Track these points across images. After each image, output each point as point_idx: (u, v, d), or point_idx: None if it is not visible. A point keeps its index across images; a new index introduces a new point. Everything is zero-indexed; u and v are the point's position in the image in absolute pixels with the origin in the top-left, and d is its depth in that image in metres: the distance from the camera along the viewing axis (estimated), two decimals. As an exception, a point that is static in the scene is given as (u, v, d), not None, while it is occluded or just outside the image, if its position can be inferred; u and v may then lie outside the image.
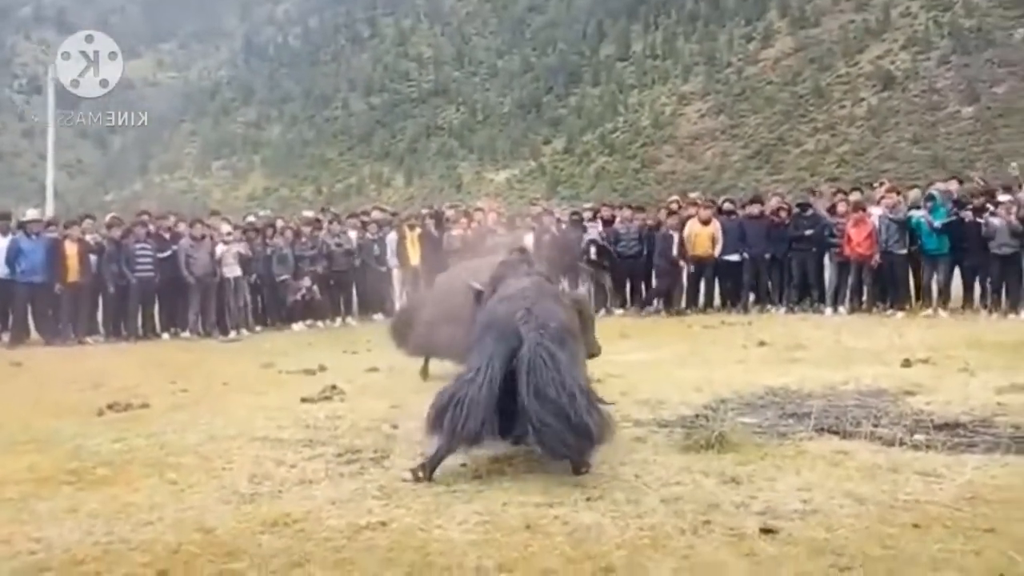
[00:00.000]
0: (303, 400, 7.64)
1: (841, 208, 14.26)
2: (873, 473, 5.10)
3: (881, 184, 15.15)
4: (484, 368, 5.14)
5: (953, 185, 13.78)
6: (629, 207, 16.43)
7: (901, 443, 5.72)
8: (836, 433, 6.06)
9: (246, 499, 4.87)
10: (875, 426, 6.15)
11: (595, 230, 15.66)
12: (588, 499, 4.70)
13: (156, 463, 5.71)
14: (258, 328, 14.75)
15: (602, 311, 15.19)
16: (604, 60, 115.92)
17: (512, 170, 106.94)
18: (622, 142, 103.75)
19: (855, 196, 14.61)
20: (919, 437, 5.89)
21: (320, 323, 15.03)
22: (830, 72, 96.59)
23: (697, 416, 6.60)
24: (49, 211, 21.67)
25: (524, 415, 5.02)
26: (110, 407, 7.60)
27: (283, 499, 4.88)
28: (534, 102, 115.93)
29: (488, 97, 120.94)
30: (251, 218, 15.95)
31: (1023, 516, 4.31)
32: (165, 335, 13.88)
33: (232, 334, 14.04)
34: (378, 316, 15.65)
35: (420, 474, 5.10)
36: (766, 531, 4.15)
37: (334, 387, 8.05)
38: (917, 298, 13.78)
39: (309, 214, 16.38)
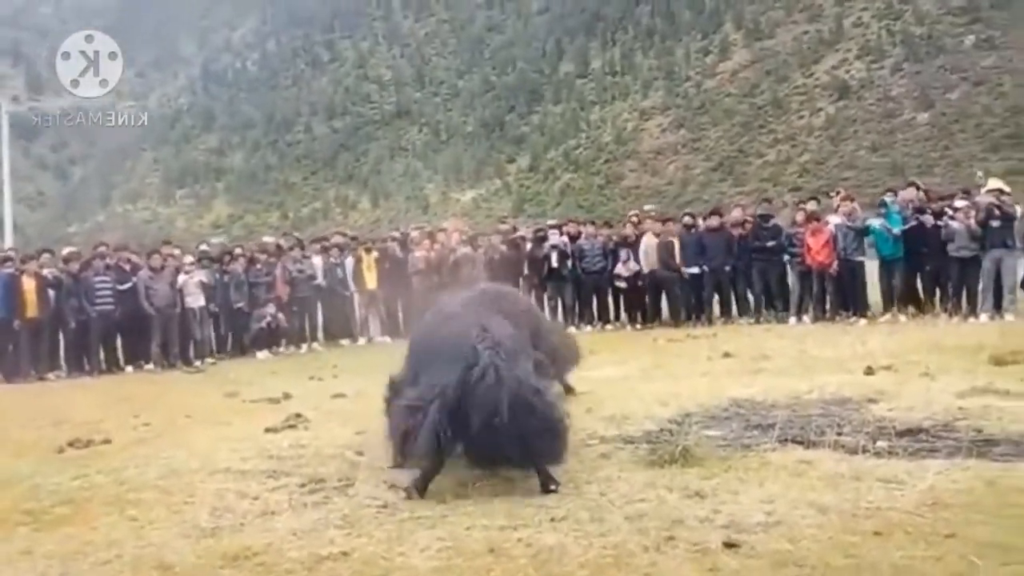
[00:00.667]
0: (267, 430, 7.53)
1: (799, 218, 14.43)
2: (836, 482, 5.10)
3: (837, 193, 15.31)
4: (441, 390, 5.13)
5: (911, 193, 13.92)
6: (592, 223, 16.48)
7: (864, 451, 5.73)
8: (800, 443, 6.06)
9: (207, 533, 4.80)
10: (838, 435, 6.16)
11: (557, 237, 15.74)
12: (552, 519, 4.68)
13: (116, 500, 5.61)
14: (223, 357, 14.58)
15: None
16: (564, 78, 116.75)
17: (478, 189, 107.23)
18: (585, 158, 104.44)
19: (811, 206, 14.77)
20: (882, 444, 5.91)
21: (285, 350, 14.90)
22: (787, 83, 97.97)
23: (662, 431, 6.60)
24: (8, 245, 21.34)
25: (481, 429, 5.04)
26: (71, 444, 7.46)
27: (244, 532, 4.82)
28: (497, 121, 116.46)
29: (451, 117, 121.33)
30: (204, 247, 15.75)
31: (984, 520, 4.33)
32: (128, 368, 13.68)
33: (197, 364, 13.87)
34: (345, 341, 15.55)
35: (414, 493, 5.20)
36: (729, 545, 4.14)
37: (298, 415, 7.97)
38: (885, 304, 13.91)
39: (268, 240, 16.24)
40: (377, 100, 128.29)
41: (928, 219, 13.17)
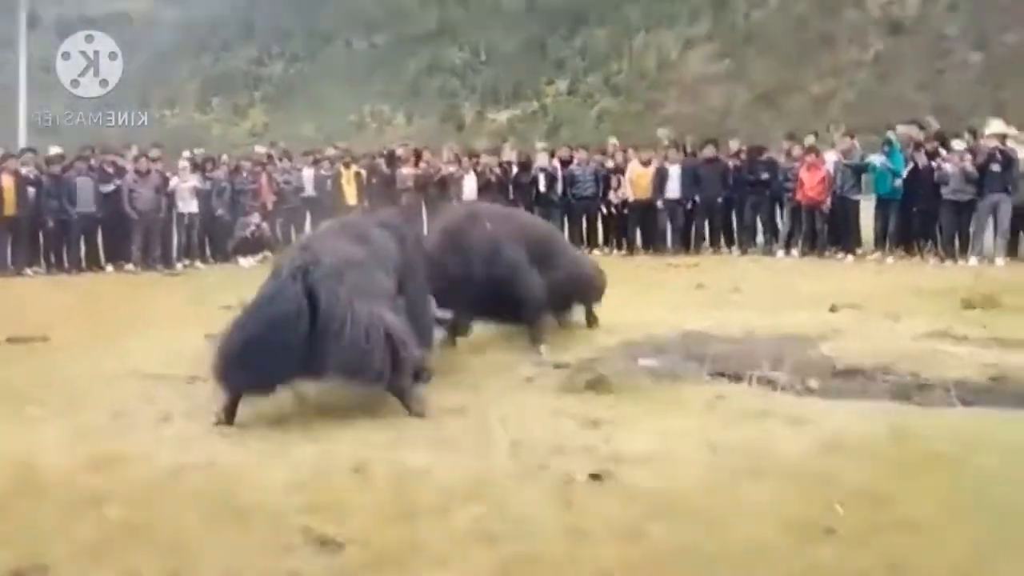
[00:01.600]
0: (207, 336, 7.44)
1: (796, 152, 13.92)
2: (741, 419, 4.96)
3: (838, 129, 14.83)
4: (251, 308, 5.16)
5: (914, 130, 13.33)
6: (585, 148, 16.03)
7: (787, 388, 5.56)
8: (729, 377, 5.88)
9: (87, 437, 4.73)
10: (772, 370, 5.96)
11: (545, 160, 15.37)
12: (436, 442, 4.55)
13: (19, 397, 5.57)
14: (210, 261, 14.46)
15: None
16: (610, 1, 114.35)
17: (514, 111, 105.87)
18: (626, 84, 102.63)
19: (809, 140, 14.29)
20: (813, 383, 5.71)
21: (271, 257, 14.77)
22: (837, 17, 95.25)
23: (594, 359, 6.42)
24: (22, 142, 21.25)
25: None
26: (8, 340, 7.44)
27: (125, 437, 4.78)
28: (538, 43, 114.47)
29: (491, 37, 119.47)
30: (186, 153, 15.51)
31: (869, 466, 4.16)
32: (109, 267, 13.63)
33: (178, 267, 13.82)
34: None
35: (221, 419, 4.98)
36: (594, 476, 4.00)
37: (244, 322, 7.86)
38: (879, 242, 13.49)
39: (260, 150, 16.03)
40: (418, 17, 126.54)
41: (921, 159, 12.66)
